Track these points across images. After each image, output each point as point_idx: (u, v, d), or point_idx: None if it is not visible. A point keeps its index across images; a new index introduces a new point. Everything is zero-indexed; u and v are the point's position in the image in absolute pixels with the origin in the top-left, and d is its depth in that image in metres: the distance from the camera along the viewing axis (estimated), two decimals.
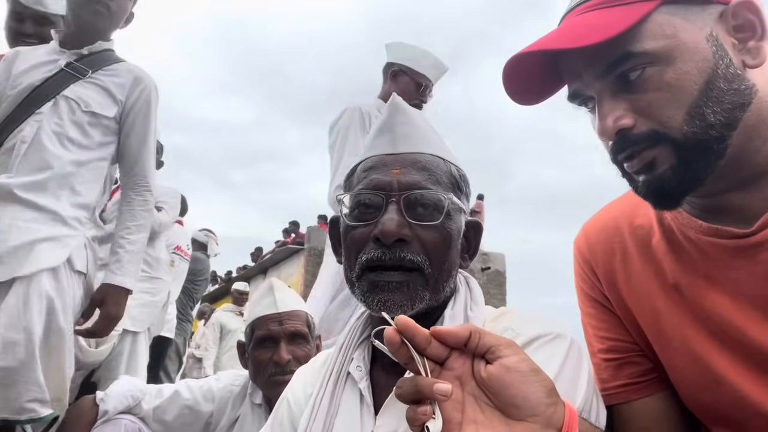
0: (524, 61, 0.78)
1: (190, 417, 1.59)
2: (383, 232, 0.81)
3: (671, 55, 0.70)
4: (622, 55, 0.71)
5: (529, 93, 0.84)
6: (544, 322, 0.83)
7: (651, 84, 0.70)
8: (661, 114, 0.70)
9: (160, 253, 2.94)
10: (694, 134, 0.70)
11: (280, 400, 1.03)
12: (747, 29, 0.72)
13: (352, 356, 0.93)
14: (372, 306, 0.83)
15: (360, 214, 0.86)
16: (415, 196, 0.84)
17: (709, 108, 0.69)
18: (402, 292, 0.82)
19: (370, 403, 0.86)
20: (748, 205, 0.75)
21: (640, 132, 0.72)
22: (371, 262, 0.83)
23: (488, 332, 0.58)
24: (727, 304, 0.77)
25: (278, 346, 1.57)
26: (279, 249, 14.72)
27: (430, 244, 0.84)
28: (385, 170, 0.87)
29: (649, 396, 0.90)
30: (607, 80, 0.73)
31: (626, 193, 0.95)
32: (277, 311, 1.62)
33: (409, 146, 0.89)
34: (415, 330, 0.56)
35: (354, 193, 0.88)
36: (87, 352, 2.54)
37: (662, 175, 0.72)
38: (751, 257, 0.75)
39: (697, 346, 0.81)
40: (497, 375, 0.55)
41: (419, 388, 0.55)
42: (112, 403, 1.50)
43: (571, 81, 0.79)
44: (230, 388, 1.65)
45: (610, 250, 0.92)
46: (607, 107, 0.73)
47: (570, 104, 0.82)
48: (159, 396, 1.58)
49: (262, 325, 1.60)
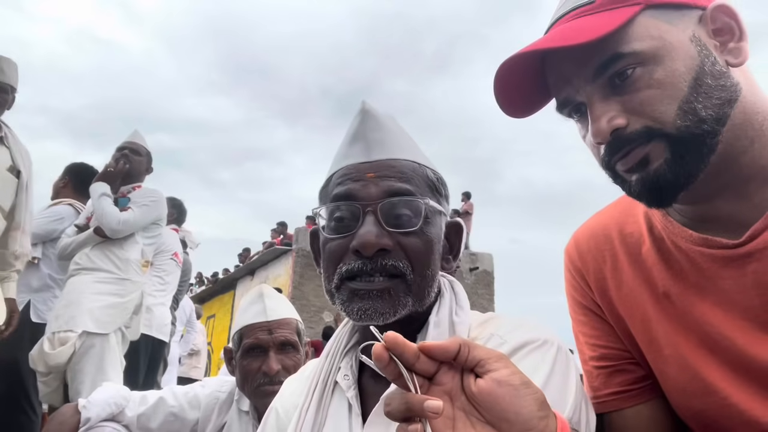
0: (513, 71, 0.78)
1: (175, 424, 1.56)
2: (363, 245, 0.80)
3: (659, 54, 0.71)
4: (612, 56, 0.72)
5: (519, 105, 0.84)
6: (530, 327, 0.82)
7: (642, 83, 0.71)
8: (654, 111, 0.71)
9: (130, 254, 2.88)
10: (687, 128, 0.71)
11: (269, 409, 1.01)
12: (725, 32, 0.74)
13: (339, 365, 0.91)
14: (353, 315, 0.82)
15: (337, 226, 0.85)
16: (392, 203, 0.83)
17: (699, 103, 0.70)
18: (384, 299, 0.81)
19: (359, 413, 0.85)
20: (737, 214, 0.75)
21: (633, 130, 0.72)
22: (351, 272, 0.82)
23: (478, 345, 0.57)
24: (716, 313, 0.77)
25: (267, 355, 1.54)
26: (267, 250, 14.68)
27: (411, 250, 0.83)
28: (359, 179, 0.85)
29: (641, 404, 0.89)
30: (598, 83, 0.74)
31: (615, 201, 0.95)
32: (266, 319, 1.58)
33: (383, 153, 0.88)
34: (404, 346, 0.55)
35: (329, 205, 0.86)
36: (47, 355, 2.53)
37: (657, 171, 0.73)
38: (740, 267, 0.75)
39: (688, 355, 0.81)
40: (488, 389, 0.54)
41: (409, 405, 0.53)
42: (94, 410, 1.47)
43: (561, 88, 0.79)
44: (216, 395, 1.63)
45: (600, 257, 0.91)
46: (600, 109, 0.74)
47: (558, 114, 0.82)
48: (143, 403, 1.55)
49: (251, 334, 1.57)
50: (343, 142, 0.92)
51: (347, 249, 0.83)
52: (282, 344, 1.56)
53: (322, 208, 0.88)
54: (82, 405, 1.48)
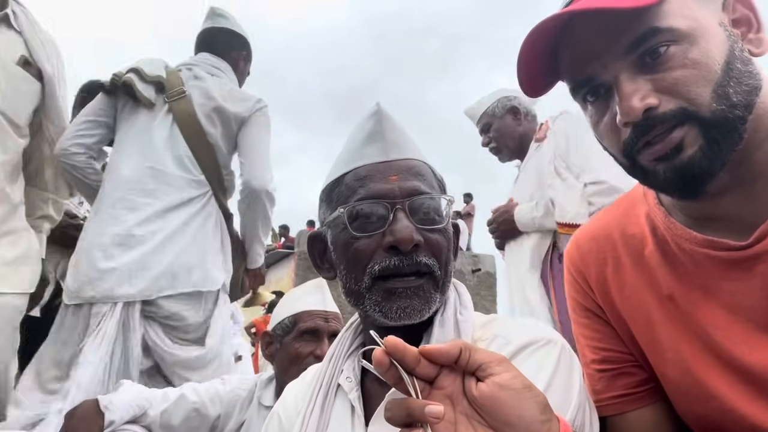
0: (537, 45, 0.75)
1: (196, 420, 1.56)
2: (401, 240, 0.80)
3: (694, 34, 0.69)
4: (649, 30, 0.69)
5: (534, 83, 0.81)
6: (534, 328, 0.82)
7: (676, 61, 0.69)
8: (689, 92, 0.68)
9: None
10: (722, 112, 0.68)
11: (271, 415, 1.01)
12: (743, 23, 0.74)
13: (342, 367, 0.91)
14: (392, 314, 0.81)
15: (363, 225, 0.84)
16: (419, 201, 0.84)
17: (731, 88, 0.68)
18: (418, 296, 0.81)
19: (361, 414, 0.85)
20: (743, 213, 0.74)
21: (666, 110, 0.69)
22: (387, 270, 0.81)
23: (479, 348, 0.57)
24: (721, 316, 0.76)
25: (322, 341, 1.62)
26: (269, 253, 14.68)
27: (437, 247, 0.84)
28: (382, 178, 0.85)
29: (644, 407, 0.89)
30: (628, 60, 0.71)
31: (616, 202, 0.95)
32: (324, 309, 1.68)
33: (400, 153, 0.88)
34: (405, 351, 0.54)
35: (357, 203, 0.85)
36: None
37: (692, 158, 0.69)
38: (747, 270, 0.74)
39: (690, 359, 0.80)
40: (490, 393, 0.54)
41: (410, 411, 0.53)
42: (118, 413, 1.46)
43: (586, 65, 0.75)
44: (237, 392, 1.64)
45: (602, 259, 0.91)
46: (630, 88, 0.70)
47: (572, 97, 0.80)
48: (165, 400, 1.55)
49: (308, 319, 1.65)
50: (356, 143, 0.91)
51: (377, 247, 0.82)
52: (333, 333, 1.64)
53: (346, 206, 0.85)
54: (104, 405, 1.46)
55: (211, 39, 2.28)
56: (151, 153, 1.99)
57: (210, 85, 2.11)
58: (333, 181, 0.91)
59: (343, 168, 0.90)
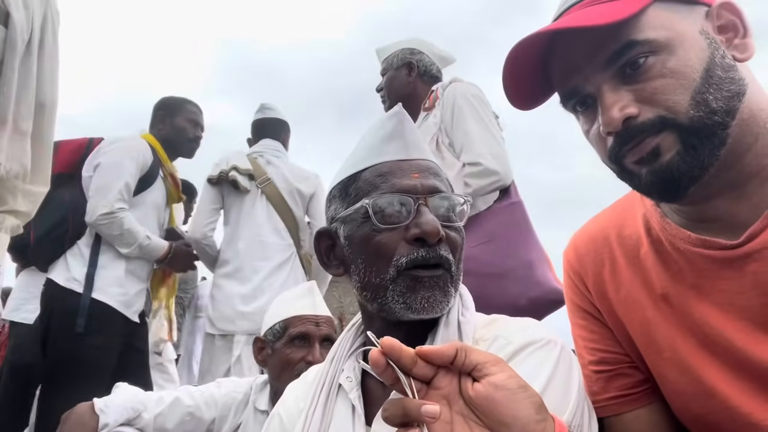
0: (521, 58, 0.78)
1: (191, 423, 1.56)
2: (429, 233, 0.81)
3: (672, 44, 0.71)
4: (626, 43, 0.72)
5: (523, 96, 0.84)
6: (534, 329, 0.83)
7: (654, 72, 0.71)
8: (667, 100, 0.71)
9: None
10: (700, 118, 0.70)
11: (271, 416, 1.02)
12: (729, 29, 0.75)
13: (343, 367, 0.92)
14: (416, 305, 0.81)
15: (386, 218, 0.84)
16: (441, 197, 0.86)
17: (710, 94, 0.70)
18: (440, 287, 0.82)
19: (361, 413, 0.85)
20: (735, 213, 0.75)
21: (646, 119, 0.72)
22: (415, 262, 0.82)
23: (475, 349, 0.57)
24: (715, 314, 0.77)
25: (313, 346, 1.59)
26: None
27: (454, 243, 0.85)
28: (404, 174, 0.87)
29: (641, 408, 0.89)
30: (609, 72, 0.74)
31: (613, 204, 0.95)
32: (315, 313, 1.65)
33: (419, 153, 0.91)
34: (401, 351, 0.55)
35: (379, 196, 0.85)
36: None
37: (670, 162, 0.72)
38: (739, 268, 0.75)
39: (688, 357, 0.80)
40: (485, 393, 0.54)
41: (406, 411, 0.54)
42: (113, 415, 1.46)
43: (570, 78, 0.78)
44: (233, 395, 1.64)
45: (599, 260, 0.91)
46: (611, 99, 0.73)
47: (563, 108, 0.82)
48: (160, 403, 1.55)
49: (299, 324, 1.62)
50: (375, 141, 0.92)
51: (400, 240, 0.83)
52: (325, 338, 1.62)
53: (371, 199, 0.85)
54: (99, 408, 1.47)
55: (268, 127, 3.01)
56: (256, 228, 2.72)
57: (281, 169, 2.84)
58: (348, 178, 0.91)
59: (360, 164, 0.91)
